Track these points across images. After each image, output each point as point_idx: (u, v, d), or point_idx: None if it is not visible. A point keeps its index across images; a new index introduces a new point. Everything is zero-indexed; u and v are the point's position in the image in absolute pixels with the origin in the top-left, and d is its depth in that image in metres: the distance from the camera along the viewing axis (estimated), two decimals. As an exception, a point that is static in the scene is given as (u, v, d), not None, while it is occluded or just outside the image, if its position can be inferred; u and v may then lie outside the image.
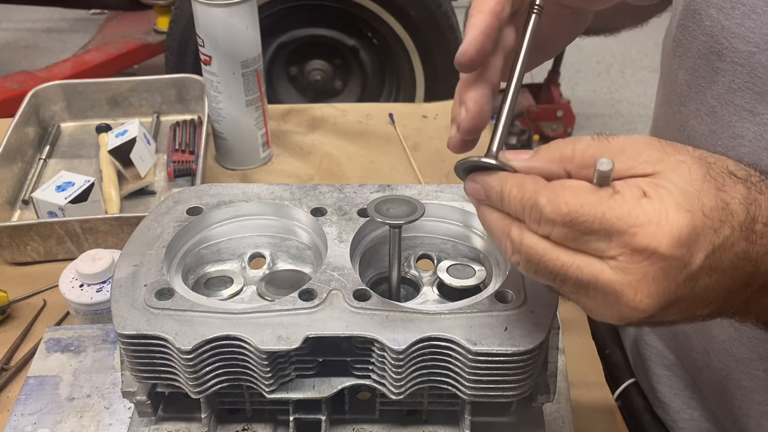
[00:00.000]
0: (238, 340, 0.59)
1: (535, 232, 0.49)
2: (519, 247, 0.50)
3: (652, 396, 0.97)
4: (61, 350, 0.87)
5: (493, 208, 0.53)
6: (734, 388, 0.83)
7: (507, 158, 0.53)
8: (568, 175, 0.51)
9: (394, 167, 1.29)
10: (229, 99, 1.20)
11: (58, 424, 0.79)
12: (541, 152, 0.52)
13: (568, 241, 0.48)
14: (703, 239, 0.47)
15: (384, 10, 2.45)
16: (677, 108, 0.82)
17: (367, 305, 0.61)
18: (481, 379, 0.59)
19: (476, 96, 0.56)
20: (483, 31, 0.54)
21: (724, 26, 0.72)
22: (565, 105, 3.08)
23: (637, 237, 0.46)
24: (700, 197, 0.47)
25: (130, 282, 0.63)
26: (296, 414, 0.64)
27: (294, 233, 0.73)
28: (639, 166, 0.49)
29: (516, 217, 0.51)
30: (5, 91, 2.66)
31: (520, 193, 0.50)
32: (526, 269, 0.51)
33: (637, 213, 0.46)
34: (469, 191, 0.54)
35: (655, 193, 0.47)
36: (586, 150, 0.50)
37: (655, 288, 0.47)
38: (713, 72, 0.75)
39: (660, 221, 0.46)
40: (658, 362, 0.96)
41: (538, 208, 0.48)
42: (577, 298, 0.50)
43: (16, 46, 3.89)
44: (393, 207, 0.63)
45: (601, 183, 0.48)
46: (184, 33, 2.40)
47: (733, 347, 0.81)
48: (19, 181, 1.20)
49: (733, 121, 0.74)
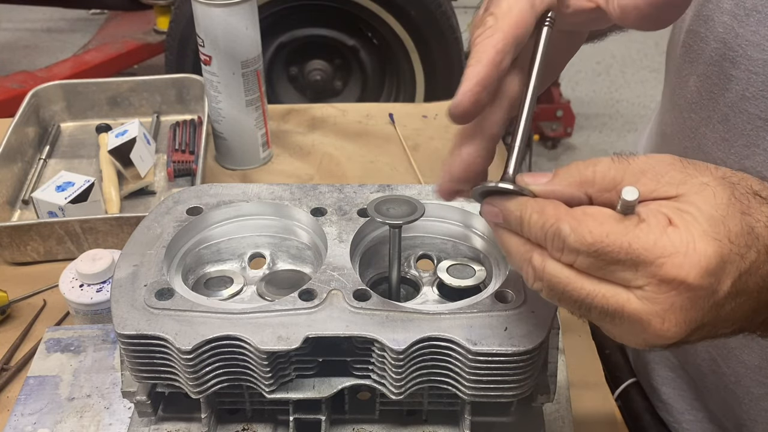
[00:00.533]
0: (238, 340, 0.59)
1: (558, 260, 0.48)
2: (541, 275, 0.49)
3: (654, 397, 0.97)
4: (61, 350, 0.87)
5: (512, 233, 0.52)
6: (743, 394, 0.83)
7: (525, 182, 0.51)
8: (589, 198, 0.50)
9: (394, 167, 1.29)
10: (229, 99, 1.20)
11: (58, 424, 0.79)
12: (560, 176, 0.51)
13: (593, 270, 0.47)
14: (730, 266, 0.46)
15: (384, 10, 2.45)
16: (687, 114, 0.81)
17: (367, 305, 0.61)
18: (481, 379, 0.59)
19: (471, 148, 0.55)
20: (479, 82, 0.52)
21: (737, 33, 0.71)
22: (565, 105, 3.08)
23: (664, 268, 0.45)
24: (726, 223, 0.46)
25: (130, 282, 0.63)
26: (296, 414, 0.64)
27: (294, 233, 0.73)
28: (661, 189, 0.48)
29: (537, 243, 0.50)
30: (5, 91, 2.66)
31: (541, 219, 0.48)
32: (549, 296, 0.50)
33: (663, 243, 0.45)
34: (486, 214, 0.53)
35: (681, 221, 0.46)
36: (606, 173, 0.49)
37: (683, 317, 0.46)
38: (726, 79, 0.74)
39: (688, 251, 0.45)
40: (662, 364, 0.95)
41: (561, 236, 0.47)
42: (602, 324, 0.50)
43: (16, 46, 3.89)
44: (393, 207, 0.63)
45: (626, 211, 0.47)
46: (184, 33, 2.40)
47: (743, 354, 0.81)
48: (19, 181, 1.20)
49: (747, 129, 0.73)
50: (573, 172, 0.50)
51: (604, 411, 0.88)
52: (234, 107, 1.20)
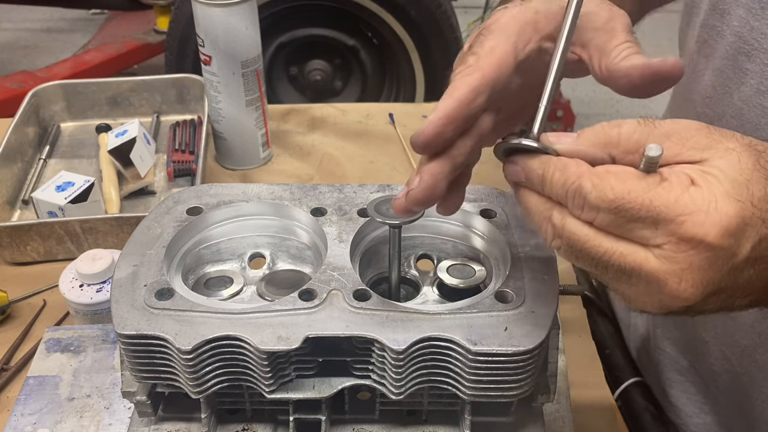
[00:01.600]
0: (238, 340, 0.59)
1: (578, 218, 0.48)
2: (561, 232, 0.49)
3: (664, 400, 0.96)
4: (61, 350, 0.87)
5: (533, 191, 0.51)
6: (756, 395, 0.82)
7: (549, 141, 0.51)
8: (613, 160, 0.50)
9: (394, 167, 1.29)
10: (229, 99, 1.20)
11: (58, 424, 0.79)
12: (585, 135, 0.50)
13: (613, 227, 0.47)
14: (751, 230, 0.46)
15: (384, 10, 2.45)
16: (702, 110, 0.80)
17: (367, 305, 0.61)
18: (481, 379, 0.59)
19: (434, 170, 0.55)
20: (445, 116, 0.52)
21: (753, 27, 0.70)
22: (565, 105, 3.08)
23: (684, 225, 0.45)
24: (750, 187, 0.46)
25: (130, 282, 0.63)
26: (296, 414, 0.64)
27: (294, 233, 0.73)
28: (686, 153, 0.48)
29: (558, 201, 0.50)
30: (5, 91, 2.67)
31: (563, 177, 0.48)
32: (567, 255, 0.50)
33: (685, 201, 0.45)
34: (509, 173, 0.53)
35: (704, 181, 0.46)
36: (631, 134, 0.49)
37: (700, 278, 0.46)
38: (741, 73, 0.73)
39: (709, 210, 0.45)
40: (670, 367, 0.95)
41: (583, 193, 0.47)
42: (618, 285, 0.50)
43: (16, 46, 3.89)
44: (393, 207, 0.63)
45: (649, 169, 0.47)
46: (184, 33, 2.40)
47: (756, 353, 0.80)
48: (19, 181, 1.20)
49: (762, 123, 0.72)
50: (598, 133, 0.50)
51: (604, 411, 0.88)
52: (234, 107, 1.20)
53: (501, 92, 0.55)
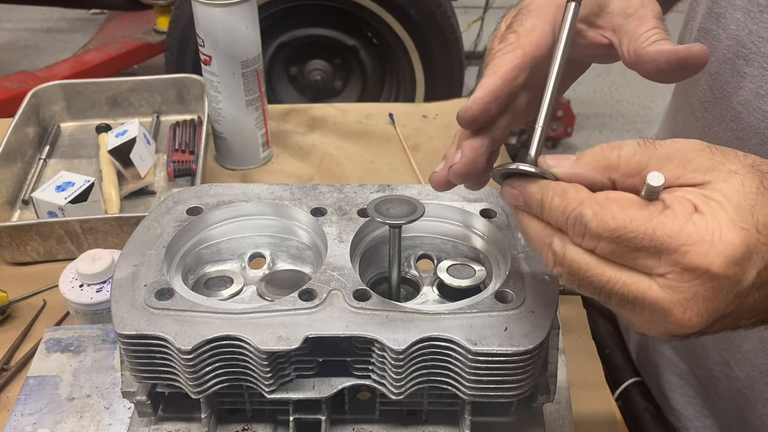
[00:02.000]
0: (238, 340, 0.59)
1: (579, 245, 0.47)
2: (562, 260, 0.48)
3: (663, 403, 0.96)
4: (61, 350, 0.87)
5: (532, 216, 0.51)
6: (756, 399, 0.82)
7: (547, 164, 0.51)
8: (613, 183, 0.49)
9: (394, 167, 1.29)
10: (229, 99, 1.20)
11: (58, 424, 0.79)
12: (584, 159, 0.50)
13: (615, 256, 0.46)
14: (756, 257, 0.45)
15: (384, 10, 2.45)
16: (700, 114, 0.80)
17: (367, 305, 0.61)
18: (481, 379, 0.59)
19: (475, 144, 0.55)
20: (491, 92, 0.53)
21: (751, 30, 0.70)
22: (565, 105, 3.08)
23: (688, 256, 0.44)
24: (754, 212, 0.45)
25: (130, 282, 0.63)
26: (296, 414, 0.64)
27: (294, 233, 0.73)
28: (688, 175, 0.47)
29: (557, 227, 0.49)
30: (5, 91, 2.67)
31: (562, 203, 0.48)
32: (569, 282, 0.49)
33: (689, 231, 0.44)
34: (507, 197, 0.52)
35: (708, 209, 0.45)
36: (632, 157, 0.48)
37: (705, 307, 0.45)
38: (739, 77, 0.73)
39: (713, 240, 0.44)
40: (670, 371, 0.95)
41: (583, 221, 0.46)
42: (622, 312, 0.49)
43: (16, 46, 3.89)
44: (393, 207, 0.63)
45: (650, 197, 0.46)
46: (184, 33, 2.40)
47: (757, 357, 0.80)
48: (19, 181, 1.20)
49: (761, 128, 0.72)
50: (597, 156, 0.49)
51: (604, 411, 0.88)
52: (234, 107, 1.20)
53: (538, 71, 0.56)
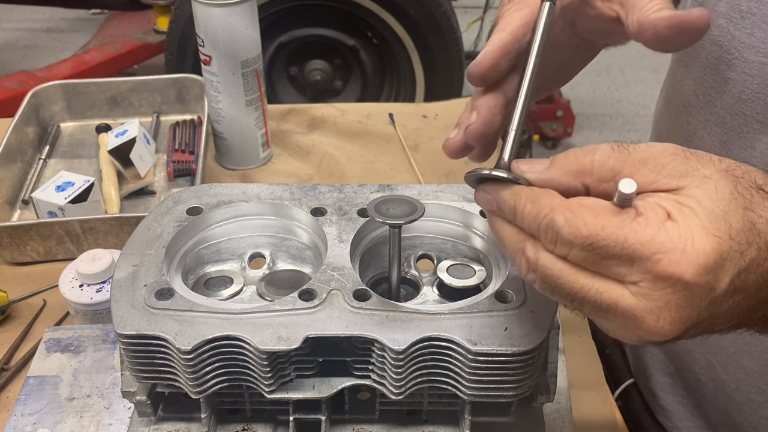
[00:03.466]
0: (238, 340, 0.59)
1: (551, 252, 0.47)
2: (534, 267, 0.48)
3: (654, 403, 0.96)
4: (61, 350, 0.87)
5: (506, 221, 0.51)
6: (743, 401, 0.82)
7: (521, 169, 0.50)
8: (586, 189, 0.48)
9: (394, 167, 1.29)
10: (229, 99, 1.20)
11: (58, 424, 0.79)
12: (557, 163, 0.49)
13: (587, 263, 0.46)
14: (729, 263, 0.45)
15: (384, 10, 2.45)
16: (684, 118, 0.80)
17: (367, 305, 0.61)
18: (481, 379, 0.59)
19: (490, 103, 0.55)
20: (500, 47, 0.53)
21: (733, 36, 0.70)
22: (565, 105, 3.08)
23: (661, 264, 0.44)
24: (727, 218, 0.45)
25: (130, 282, 0.63)
26: (296, 414, 0.64)
27: (294, 233, 0.73)
28: (662, 180, 0.47)
29: (531, 233, 0.48)
30: (5, 91, 2.66)
31: (535, 209, 0.47)
32: (543, 288, 0.49)
33: (661, 239, 0.44)
34: (480, 202, 0.52)
35: (680, 216, 0.45)
36: (605, 162, 0.48)
37: (678, 315, 0.45)
38: (723, 82, 0.73)
39: (686, 248, 0.44)
40: (660, 370, 0.95)
41: (555, 228, 0.46)
42: (595, 318, 0.49)
43: (16, 46, 3.89)
44: (393, 207, 0.63)
45: (623, 204, 0.46)
46: (184, 33, 2.40)
47: (743, 359, 0.80)
48: (19, 181, 1.20)
49: (744, 132, 0.72)
50: (570, 161, 0.49)
51: (604, 411, 0.88)
52: (234, 107, 1.20)
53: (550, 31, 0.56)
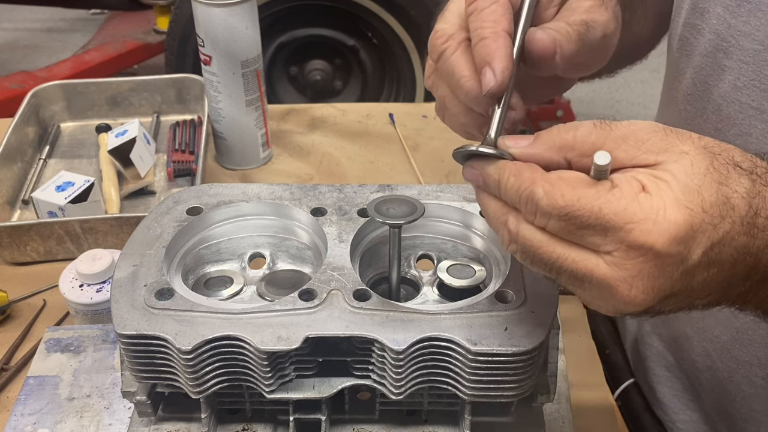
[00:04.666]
0: (238, 340, 0.59)
1: (531, 223, 0.49)
2: (515, 238, 0.50)
3: (651, 396, 0.97)
4: (61, 350, 0.87)
5: (491, 195, 0.52)
6: (735, 391, 0.83)
7: (506, 144, 0.52)
8: (568, 163, 0.50)
9: (394, 167, 1.29)
10: (229, 99, 1.20)
11: (58, 424, 0.79)
12: (540, 139, 0.51)
13: (564, 233, 0.48)
14: (701, 236, 0.46)
15: (384, 10, 2.45)
16: (683, 107, 0.81)
17: (367, 305, 0.61)
18: (481, 379, 0.59)
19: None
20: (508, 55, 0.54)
21: (730, 24, 0.72)
22: (565, 105, 3.07)
23: (633, 234, 0.45)
24: (701, 192, 0.47)
25: (130, 282, 0.63)
26: (296, 414, 0.64)
27: (294, 233, 0.73)
28: (641, 156, 0.48)
29: (513, 206, 0.50)
30: (5, 91, 2.66)
31: (517, 182, 0.49)
32: (522, 259, 0.51)
33: (634, 209, 0.46)
34: (468, 177, 0.54)
35: (655, 188, 0.46)
36: (587, 138, 0.49)
37: (651, 284, 0.47)
38: (720, 70, 0.74)
39: (657, 218, 0.45)
40: (658, 363, 0.96)
41: (534, 199, 0.48)
42: (573, 289, 0.50)
43: (16, 46, 3.89)
44: (393, 207, 0.63)
45: (599, 177, 0.48)
46: (184, 33, 2.40)
47: (734, 349, 0.81)
48: (19, 181, 1.20)
49: (739, 119, 0.73)
50: (554, 136, 0.51)
51: (604, 411, 0.88)
52: (234, 107, 1.20)
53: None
